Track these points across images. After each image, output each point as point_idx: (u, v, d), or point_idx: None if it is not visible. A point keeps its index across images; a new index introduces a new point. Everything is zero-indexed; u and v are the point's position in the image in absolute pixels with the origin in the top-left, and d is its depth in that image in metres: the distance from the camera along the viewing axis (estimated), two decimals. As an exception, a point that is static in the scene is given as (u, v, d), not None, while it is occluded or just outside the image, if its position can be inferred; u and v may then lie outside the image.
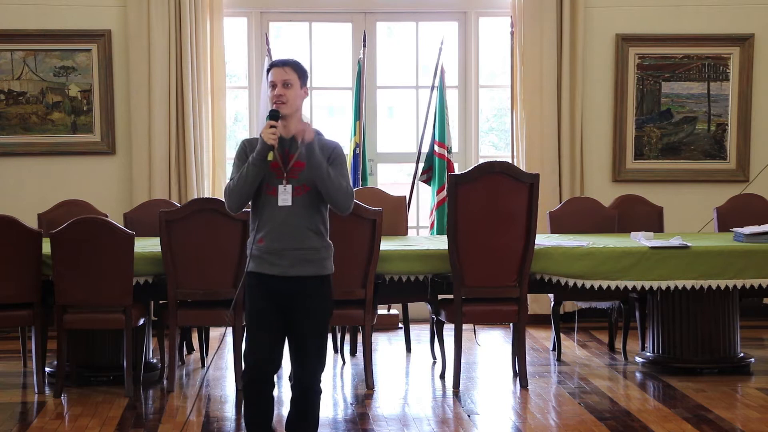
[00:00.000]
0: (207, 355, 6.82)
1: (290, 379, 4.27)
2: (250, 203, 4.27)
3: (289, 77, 4.18)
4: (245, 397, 4.28)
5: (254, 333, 4.21)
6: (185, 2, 7.87)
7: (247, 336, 4.24)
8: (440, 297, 6.34)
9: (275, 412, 4.47)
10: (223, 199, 4.31)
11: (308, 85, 4.30)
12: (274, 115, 4.15)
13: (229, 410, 5.68)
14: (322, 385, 4.30)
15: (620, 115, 8.35)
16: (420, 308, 7.60)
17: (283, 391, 5.93)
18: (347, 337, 7.10)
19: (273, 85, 4.19)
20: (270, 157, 4.08)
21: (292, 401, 4.31)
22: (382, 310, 7.95)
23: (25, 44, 8.00)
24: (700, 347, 6.36)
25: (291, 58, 4.28)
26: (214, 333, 7.47)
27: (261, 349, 4.20)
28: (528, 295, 6.27)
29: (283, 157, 4.18)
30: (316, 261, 4.19)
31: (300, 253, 4.15)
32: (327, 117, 9.12)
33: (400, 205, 7.27)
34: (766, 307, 8.20)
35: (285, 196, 4.14)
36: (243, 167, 4.15)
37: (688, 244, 6.17)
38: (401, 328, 7.53)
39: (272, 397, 4.30)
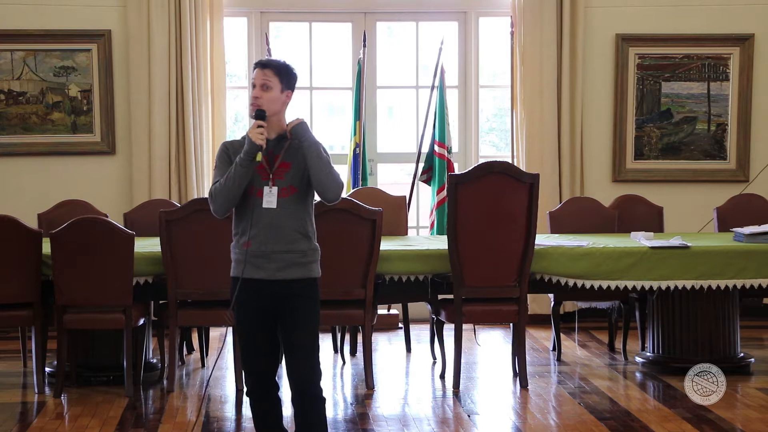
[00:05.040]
0: (207, 355, 6.82)
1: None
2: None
3: (268, 80, 4.10)
4: (251, 403, 4.24)
5: (246, 341, 4.16)
6: (185, 2, 7.87)
7: (241, 345, 4.19)
8: (440, 297, 6.34)
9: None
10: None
11: (304, 87, 4.12)
12: (260, 115, 4.07)
13: (229, 410, 5.67)
14: (323, 392, 4.16)
15: (620, 115, 8.35)
16: (420, 308, 7.59)
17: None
18: (347, 337, 7.10)
19: (253, 86, 4.12)
20: (258, 157, 4.01)
21: (294, 414, 4.16)
22: (382, 310, 7.95)
23: (25, 44, 8.00)
24: (700, 347, 6.36)
25: (276, 60, 4.18)
26: (214, 333, 7.48)
27: (257, 357, 4.16)
28: (528, 295, 6.27)
29: (268, 159, 4.09)
30: (304, 264, 4.10)
31: (288, 256, 4.06)
32: (327, 117, 9.11)
33: (400, 205, 7.26)
34: (766, 307, 8.20)
35: (270, 198, 4.05)
36: (230, 169, 4.05)
37: (688, 244, 6.17)
38: (401, 328, 7.53)
39: (278, 398, 4.26)
